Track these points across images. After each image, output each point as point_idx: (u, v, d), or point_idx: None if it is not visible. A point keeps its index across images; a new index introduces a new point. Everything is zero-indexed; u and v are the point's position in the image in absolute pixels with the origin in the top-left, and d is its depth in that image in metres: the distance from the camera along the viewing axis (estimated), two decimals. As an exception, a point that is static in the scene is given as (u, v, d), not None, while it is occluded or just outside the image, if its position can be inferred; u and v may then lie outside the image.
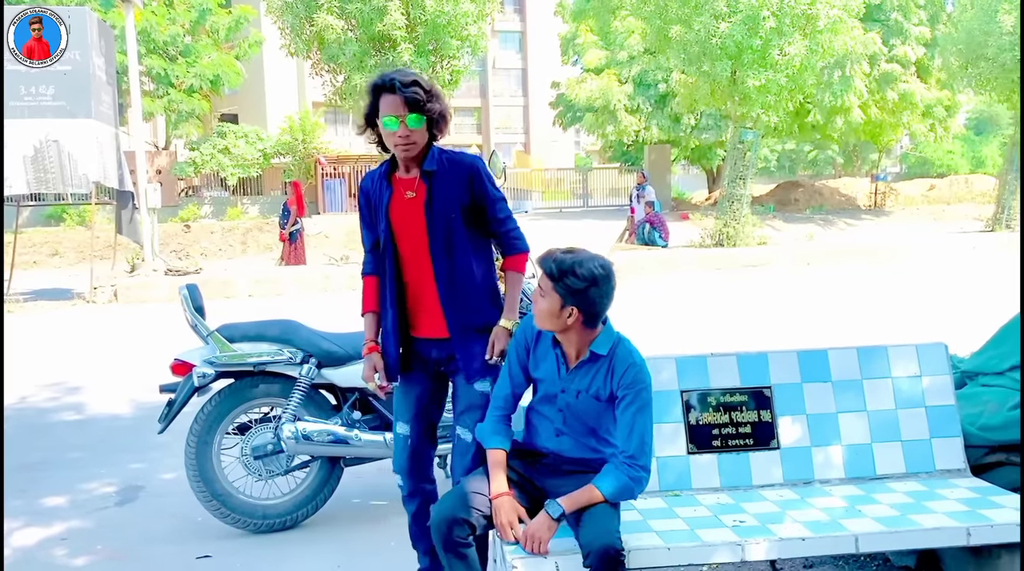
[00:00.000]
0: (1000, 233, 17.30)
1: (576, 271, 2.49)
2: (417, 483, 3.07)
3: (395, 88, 2.69)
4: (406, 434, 3.04)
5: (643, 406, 2.53)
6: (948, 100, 24.36)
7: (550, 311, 2.56)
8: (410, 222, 2.85)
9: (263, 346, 3.89)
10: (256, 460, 3.87)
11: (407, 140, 2.73)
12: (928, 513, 2.79)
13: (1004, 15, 16.37)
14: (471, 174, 2.85)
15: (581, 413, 2.66)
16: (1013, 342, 3.49)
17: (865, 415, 3.19)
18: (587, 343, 2.62)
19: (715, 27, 13.53)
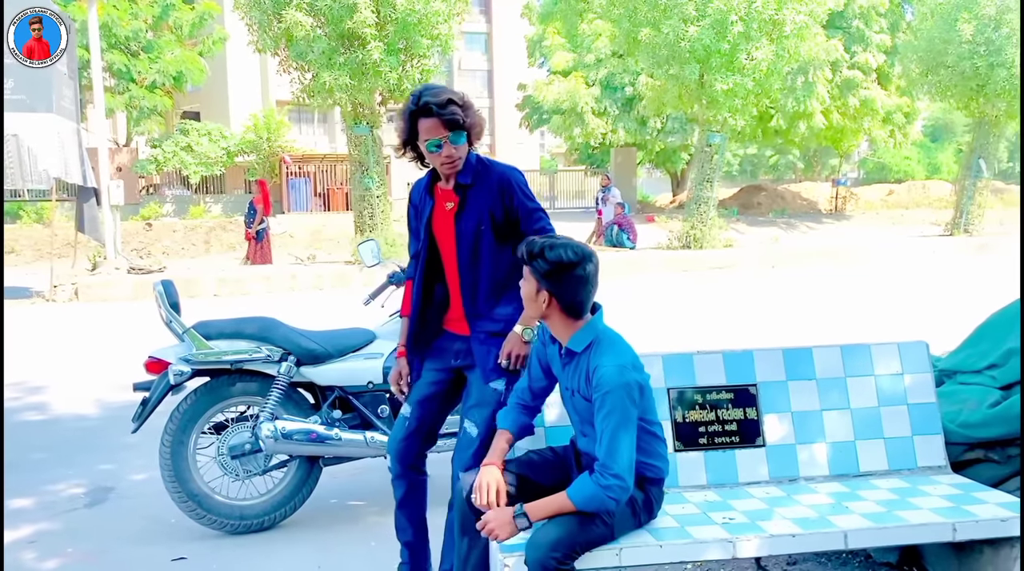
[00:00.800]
0: (959, 237, 17.67)
1: (545, 254, 2.48)
2: (405, 468, 3.06)
3: (432, 111, 2.70)
4: (407, 415, 3.04)
5: (611, 411, 2.43)
6: (908, 107, 24.84)
7: (528, 294, 2.56)
8: (446, 233, 2.91)
9: (241, 343, 3.81)
10: (233, 460, 3.80)
11: (451, 159, 2.76)
12: (913, 509, 2.82)
13: (963, 24, 16.72)
14: (503, 185, 2.85)
15: (584, 415, 2.61)
16: (990, 341, 3.54)
17: (848, 413, 3.22)
18: (569, 336, 2.59)
19: (684, 31, 13.62)
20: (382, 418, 3.94)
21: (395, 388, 3.11)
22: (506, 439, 2.74)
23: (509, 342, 2.87)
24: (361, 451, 3.85)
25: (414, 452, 3.06)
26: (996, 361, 3.40)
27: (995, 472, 3.39)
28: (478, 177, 2.86)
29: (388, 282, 4.35)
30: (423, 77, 12.73)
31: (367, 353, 3.96)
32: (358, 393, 3.95)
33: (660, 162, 30.65)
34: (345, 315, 9.03)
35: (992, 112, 17.74)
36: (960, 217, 18.39)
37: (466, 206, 2.87)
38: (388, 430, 3.91)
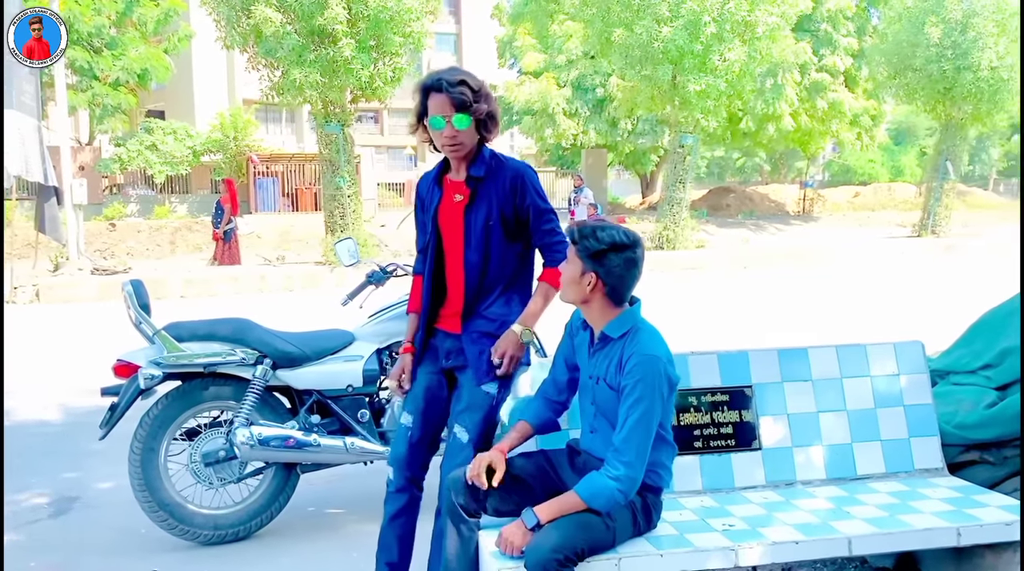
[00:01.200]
0: (926, 238, 17.87)
1: (597, 234, 2.44)
2: (408, 480, 2.93)
3: (442, 87, 2.63)
4: (408, 425, 2.93)
5: (638, 400, 2.38)
6: (874, 110, 25.13)
7: (571, 277, 2.48)
8: (453, 226, 2.82)
9: (214, 346, 3.66)
10: (207, 467, 3.64)
11: (454, 141, 2.69)
12: (915, 513, 2.75)
13: (931, 27, 16.91)
14: (515, 182, 2.77)
15: (604, 405, 2.53)
16: (984, 341, 3.50)
17: (845, 414, 3.15)
18: (606, 322, 2.50)
19: (657, 31, 13.61)
20: (362, 423, 3.80)
21: (393, 384, 3.00)
22: (521, 430, 2.66)
23: (505, 341, 2.77)
24: (341, 457, 3.71)
25: (419, 463, 2.94)
26: (991, 361, 3.35)
27: (991, 474, 3.33)
28: (491, 171, 2.77)
29: (367, 282, 4.23)
30: (395, 75, 12.58)
31: (346, 355, 3.82)
32: (337, 397, 3.81)
33: (630, 164, 30.71)
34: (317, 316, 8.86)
35: (958, 115, 17.97)
36: (927, 218, 18.61)
37: (476, 199, 2.77)
38: (368, 435, 3.78)
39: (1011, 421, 3.16)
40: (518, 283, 2.88)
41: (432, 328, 2.97)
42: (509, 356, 2.76)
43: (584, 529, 2.36)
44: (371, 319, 3.98)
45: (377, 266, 4.26)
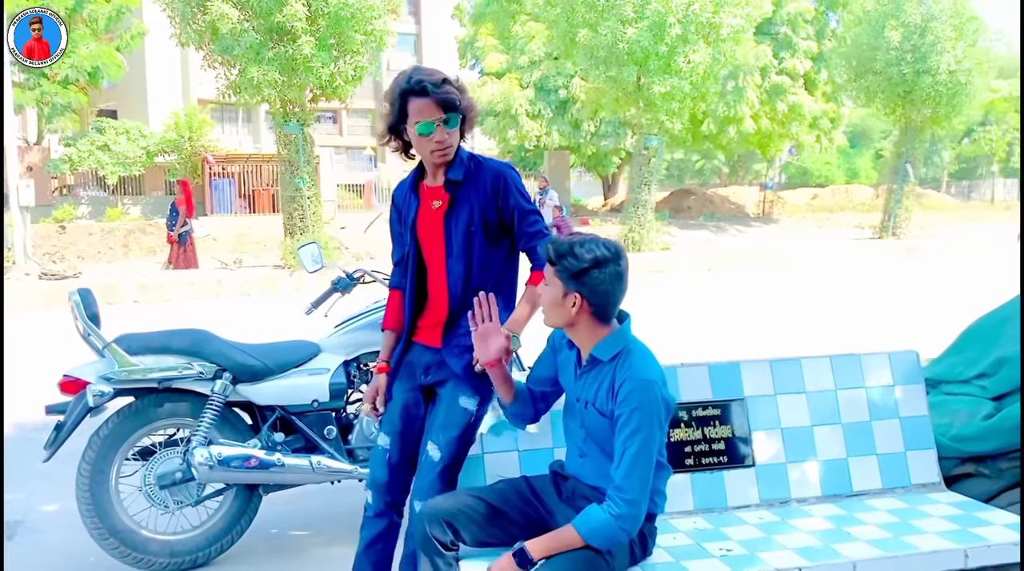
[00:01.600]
0: (887, 240, 18.05)
1: (575, 251, 2.23)
2: (388, 504, 2.74)
3: (427, 90, 2.44)
4: (386, 447, 2.73)
5: (636, 430, 2.20)
6: (833, 112, 25.38)
7: (553, 301, 2.29)
8: (433, 234, 2.63)
9: (169, 359, 3.41)
10: (162, 490, 3.38)
11: (443, 146, 2.50)
12: (918, 534, 2.62)
13: (891, 31, 17.08)
14: (497, 183, 2.58)
15: (594, 430, 2.35)
16: (976, 349, 3.39)
17: (840, 428, 3.01)
18: (595, 342, 2.32)
19: (622, 32, 13.51)
20: (329, 440, 3.58)
21: (367, 407, 2.79)
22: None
23: None
24: (306, 477, 3.49)
25: (399, 486, 2.74)
26: (985, 370, 3.24)
27: (987, 487, 3.22)
28: (470, 174, 2.58)
29: (333, 289, 4.01)
30: (356, 74, 12.30)
31: (311, 368, 3.60)
32: (301, 413, 3.58)
33: (592, 166, 30.67)
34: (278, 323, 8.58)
35: (917, 118, 18.18)
36: (888, 221, 18.80)
37: (456, 205, 2.59)
38: (335, 453, 3.56)
39: (1010, 433, 3.05)
40: (503, 289, 2.69)
41: (409, 342, 2.77)
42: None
43: (585, 566, 2.18)
44: (337, 329, 3.76)
45: (343, 272, 4.03)
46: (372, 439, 3.63)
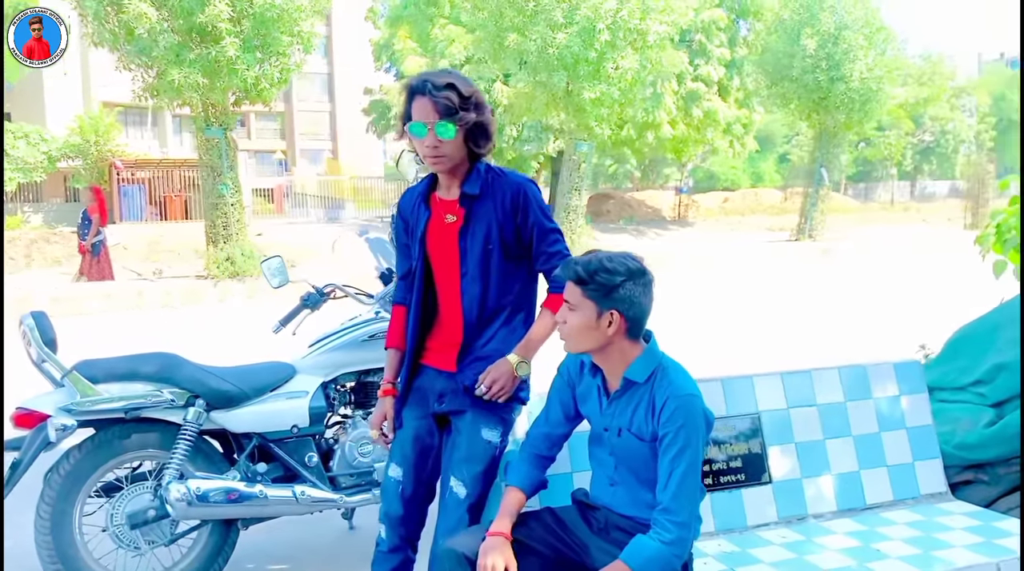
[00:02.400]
0: (804, 242, 18.61)
1: (607, 266, 2.13)
2: (403, 539, 2.56)
3: (427, 91, 2.29)
4: (398, 479, 2.55)
5: (684, 448, 2.11)
6: (746, 118, 26.04)
7: (585, 324, 2.15)
8: (445, 249, 2.46)
9: (137, 387, 3.13)
10: (133, 530, 3.10)
11: (436, 151, 2.33)
12: (946, 547, 2.60)
13: (807, 39, 17.63)
14: (517, 199, 2.42)
15: (629, 457, 2.23)
16: (969, 356, 3.42)
17: (851, 440, 2.98)
18: (626, 365, 2.20)
19: (552, 37, 13.50)
20: (310, 467, 3.35)
21: (375, 433, 2.62)
22: (517, 500, 2.32)
23: (497, 369, 2.42)
24: (291, 509, 3.26)
25: (414, 520, 2.58)
26: (982, 377, 3.27)
27: (986, 493, 3.26)
28: (487, 188, 2.42)
29: (301, 306, 3.78)
30: (283, 77, 11.89)
31: (289, 392, 3.37)
32: (280, 440, 3.35)
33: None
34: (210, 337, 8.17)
35: (831, 123, 18.81)
36: (805, 223, 19.38)
37: (472, 220, 2.43)
38: (318, 482, 3.34)
39: (1012, 440, 3.07)
40: (522, 310, 2.55)
41: (417, 365, 2.60)
42: (499, 387, 2.42)
43: None
44: (313, 348, 3.54)
45: (312, 287, 3.81)
46: (355, 465, 3.43)
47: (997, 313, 3.48)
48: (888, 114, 38.42)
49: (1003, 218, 4.70)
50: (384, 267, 3.93)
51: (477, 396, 2.44)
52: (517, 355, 2.44)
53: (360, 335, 3.50)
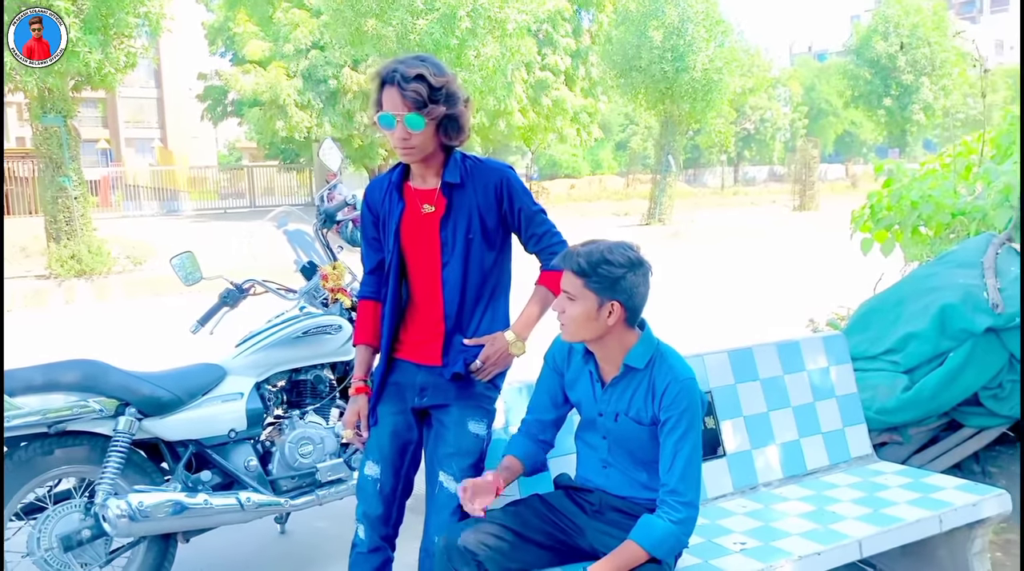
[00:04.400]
0: (655, 226, 19.40)
1: (608, 258, 2.16)
2: (383, 538, 2.49)
3: (395, 81, 2.22)
4: (375, 476, 2.47)
5: (688, 430, 2.18)
6: (592, 107, 26.81)
7: (586, 315, 2.17)
8: (423, 241, 2.39)
9: (59, 398, 2.87)
10: (66, 552, 2.85)
11: (406, 143, 2.27)
12: (892, 505, 2.81)
13: (654, 31, 18.34)
14: (499, 186, 2.39)
15: (625, 440, 2.28)
16: (878, 327, 3.68)
17: (791, 411, 3.16)
18: (624, 352, 2.23)
19: (412, 24, 13.35)
20: (250, 472, 3.20)
21: (348, 434, 2.53)
22: (512, 464, 2.36)
23: (492, 345, 2.41)
24: (237, 517, 3.09)
25: (393, 518, 2.51)
26: (893, 346, 3.53)
27: (901, 452, 3.55)
28: (467, 176, 2.38)
29: (220, 303, 3.59)
30: (129, 60, 11.11)
31: (223, 395, 3.20)
32: (218, 445, 3.18)
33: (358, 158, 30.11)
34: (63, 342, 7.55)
35: (677, 113, 19.69)
36: (655, 208, 20.20)
37: (453, 210, 2.38)
38: (259, 487, 3.19)
39: (927, 402, 3.35)
40: (502, 295, 2.54)
41: (391, 360, 2.53)
42: (492, 365, 2.41)
43: None
44: (242, 348, 3.37)
45: (231, 283, 3.63)
46: (297, 467, 3.31)
47: (901, 287, 3.78)
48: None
49: (875, 199, 5.10)
50: (304, 261, 3.79)
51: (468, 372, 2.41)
52: (513, 333, 2.43)
53: (292, 332, 3.37)
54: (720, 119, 41.29)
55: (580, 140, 27.92)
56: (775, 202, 28.97)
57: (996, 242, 3.71)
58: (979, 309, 3.37)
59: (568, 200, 32.49)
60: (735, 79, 22.34)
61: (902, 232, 4.65)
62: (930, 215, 4.49)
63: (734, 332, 6.78)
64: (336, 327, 3.43)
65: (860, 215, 5.21)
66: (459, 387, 2.43)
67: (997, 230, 3.96)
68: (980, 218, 4.23)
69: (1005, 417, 3.52)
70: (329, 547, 3.62)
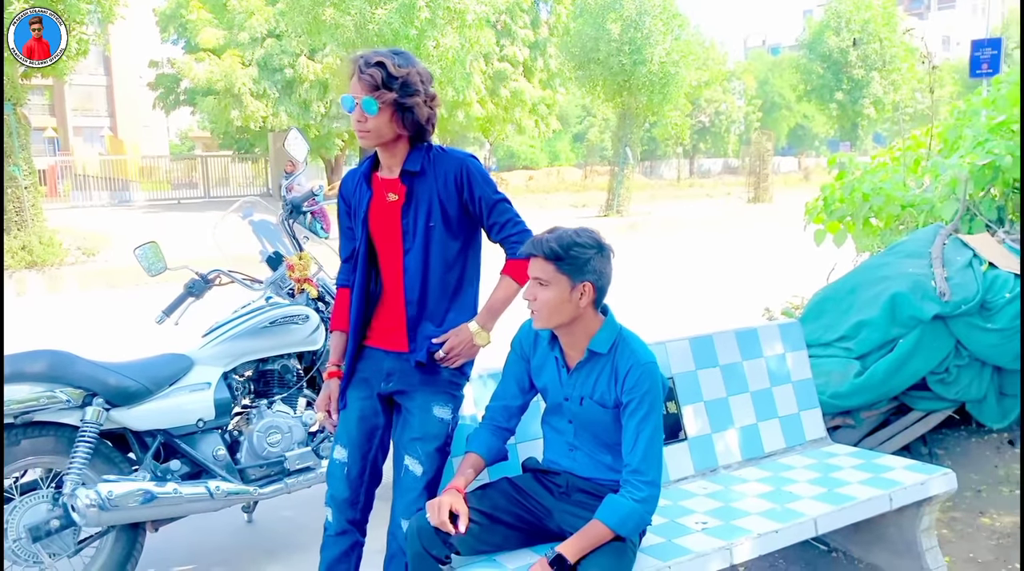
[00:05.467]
0: (612, 217, 19.55)
1: (578, 241, 2.24)
2: (350, 522, 2.55)
3: (358, 66, 2.32)
4: (343, 460, 2.54)
5: (649, 412, 2.26)
6: (550, 99, 26.91)
7: (559, 299, 2.24)
8: (387, 228, 2.45)
9: (24, 388, 2.86)
10: (35, 543, 2.84)
11: (361, 126, 2.36)
12: (845, 485, 2.92)
13: (612, 23, 18.45)
14: (459, 175, 2.44)
15: (590, 423, 2.35)
16: (832, 315, 3.82)
17: (749, 396, 3.27)
18: (589, 337, 2.31)
19: (371, 13, 13.28)
20: (218, 461, 3.22)
21: (322, 415, 2.60)
22: (474, 464, 2.41)
23: (456, 336, 2.46)
24: (207, 506, 3.11)
25: (360, 500, 2.56)
26: (846, 334, 3.67)
27: (853, 435, 3.69)
28: (428, 166, 2.44)
29: (186, 293, 3.59)
30: (80, 47, 10.89)
31: (191, 384, 3.21)
32: (185, 435, 3.19)
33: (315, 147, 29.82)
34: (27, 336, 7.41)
35: (635, 105, 19.86)
36: (613, 199, 20.37)
37: (414, 198, 2.43)
38: (227, 476, 3.21)
39: (878, 387, 3.50)
40: (471, 286, 2.59)
41: (361, 346, 2.58)
42: (456, 353, 2.46)
43: (624, 561, 2.19)
44: (208, 338, 3.38)
45: (196, 274, 3.63)
46: (265, 456, 3.34)
47: (853, 276, 3.92)
48: (673, 96, 41.12)
49: (829, 192, 5.25)
50: (270, 251, 3.80)
51: (433, 361, 2.45)
52: (477, 323, 2.48)
53: (259, 322, 3.39)
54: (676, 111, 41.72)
55: (538, 131, 28.03)
56: (730, 194, 29.38)
57: (943, 233, 3.87)
58: (927, 297, 3.51)
59: (526, 191, 32.51)
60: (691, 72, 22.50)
61: (854, 223, 4.80)
62: (881, 207, 4.65)
63: (692, 321, 6.91)
64: (303, 317, 3.46)
65: (814, 207, 5.36)
66: (424, 373, 2.48)
67: (944, 222, 4.12)
68: (928, 210, 4.39)
69: (951, 401, 3.69)
70: (296, 536, 3.65)
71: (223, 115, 22.93)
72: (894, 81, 33.72)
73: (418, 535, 2.27)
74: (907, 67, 33.26)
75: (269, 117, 22.83)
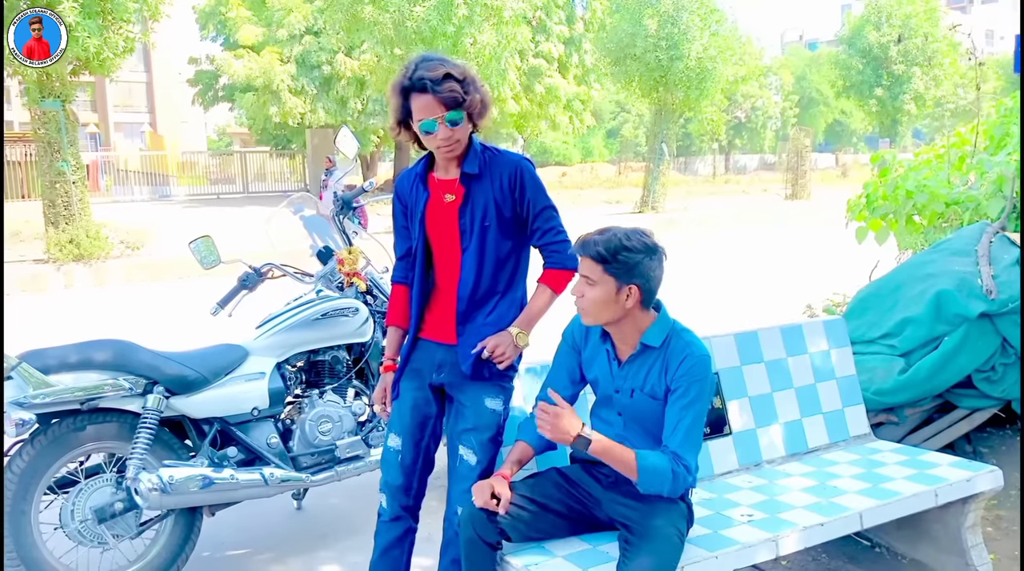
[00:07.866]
0: (648, 214, 19.50)
1: (626, 245, 2.27)
2: (404, 508, 2.63)
3: (427, 88, 2.33)
4: (397, 448, 2.62)
5: (694, 400, 2.30)
6: (585, 95, 26.87)
7: (605, 299, 2.29)
8: (445, 228, 2.52)
9: (92, 376, 2.98)
10: (100, 524, 2.96)
11: (449, 142, 2.39)
12: (889, 480, 2.94)
13: (648, 19, 18.41)
14: (513, 177, 2.49)
15: (640, 415, 2.40)
16: (876, 312, 3.83)
17: (793, 392, 3.29)
18: (640, 332, 2.35)
19: (410, 11, 13.39)
20: (272, 449, 3.32)
21: (378, 408, 2.69)
22: (522, 452, 2.49)
23: (499, 337, 2.51)
24: (262, 492, 3.21)
25: (414, 488, 2.64)
26: (890, 331, 3.68)
27: (897, 432, 3.69)
28: (484, 167, 2.50)
29: (240, 286, 3.70)
30: (127, 45, 11.12)
31: (247, 374, 3.31)
32: (241, 423, 3.29)
33: (351, 144, 30.10)
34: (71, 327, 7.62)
35: (671, 101, 19.79)
36: (648, 196, 20.32)
37: (471, 199, 2.49)
38: (280, 463, 3.31)
39: (922, 384, 3.50)
40: (520, 285, 2.65)
41: (416, 339, 2.65)
42: (500, 353, 2.51)
43: (672, 549, 2.24)
44: (262, 329, 3.48)
45: (249, 267, 3.73)
46: (316, 444, 3.43)
47: (897, 273, 3.92)
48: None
49: (871, 189, 5.24)
50: (320, 246, 3.90)
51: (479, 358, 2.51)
52: (517, 328, 2.55)
53: (311, 315, 3.48)
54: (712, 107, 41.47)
55: (572, 128, 27.99)
56: (767, 191, 29.13)
57: (990, 231, 3.85)
58: (973, 295, 3.51)
59: (560, 187, 32.51)
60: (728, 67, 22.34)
61: (896, 221, 4.78)
62: (924, 204, 4.63)
63: (732, 318, 6.92)
64: (353, 310, 3.54)
65: (856, 204, 5.35)
66: (479, 365, 2.54)
67: (990, 219, 4.10)
68: (973, 208, 4.37)
69: (996, 399, 3.68)
70: (344, 523, 3.74)
71: (261, 111, 23.23)
72: (936, 76, 33.20)
73: (471, 521, 2.34)
74: (949, 62, 32.71)
75: (307, 113, 23.07)
